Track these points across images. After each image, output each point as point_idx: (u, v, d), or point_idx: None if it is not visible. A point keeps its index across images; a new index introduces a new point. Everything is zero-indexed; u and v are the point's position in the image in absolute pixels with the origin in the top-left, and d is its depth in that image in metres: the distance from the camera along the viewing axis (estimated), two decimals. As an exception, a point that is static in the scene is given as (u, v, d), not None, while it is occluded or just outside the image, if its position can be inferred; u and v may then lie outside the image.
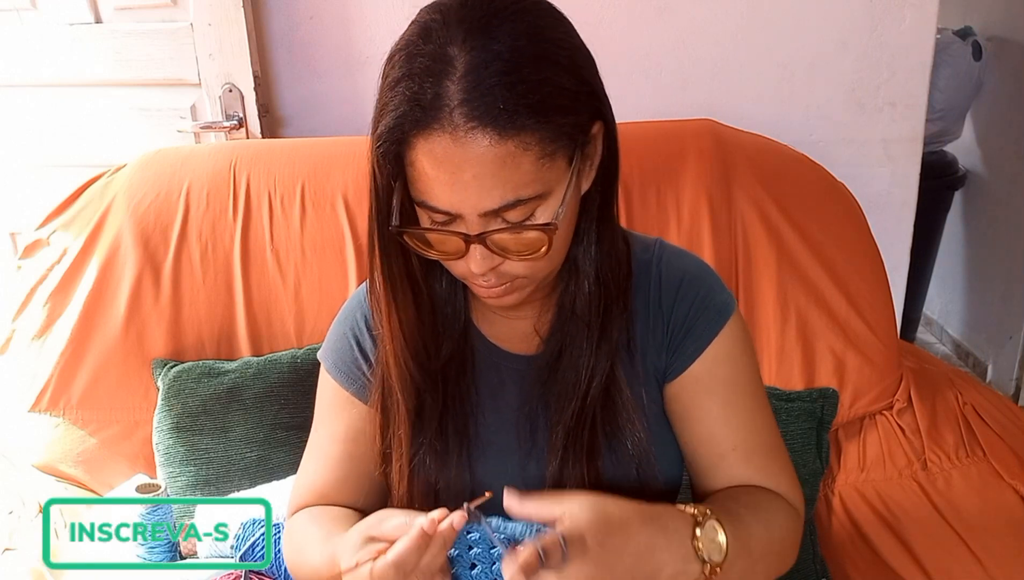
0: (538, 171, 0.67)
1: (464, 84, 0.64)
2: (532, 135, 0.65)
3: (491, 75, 0.64)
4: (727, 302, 0.85)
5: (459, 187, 0.66)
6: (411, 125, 0.66)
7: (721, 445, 0.83)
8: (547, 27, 0.68)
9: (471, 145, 0.64)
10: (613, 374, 0.81)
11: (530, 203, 0.68)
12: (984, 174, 2.86)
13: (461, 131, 0.64)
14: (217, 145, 1.64)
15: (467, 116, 0.64)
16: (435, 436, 0.82)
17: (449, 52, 0.65)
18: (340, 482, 0.88)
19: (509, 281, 0.74)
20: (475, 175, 0.65)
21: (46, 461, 1.42)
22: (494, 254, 0.70)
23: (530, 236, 0.69)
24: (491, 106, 0.64)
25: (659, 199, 1.44)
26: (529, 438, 0.84)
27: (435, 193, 0.67)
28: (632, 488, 0.81)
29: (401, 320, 0.79)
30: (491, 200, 0.66)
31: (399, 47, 0.68)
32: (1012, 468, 1.28)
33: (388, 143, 0.68)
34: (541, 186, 0.68)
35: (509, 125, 0.64)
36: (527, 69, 0.65)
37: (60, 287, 1.45)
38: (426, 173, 0.67)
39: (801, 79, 1.72)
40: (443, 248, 0.72)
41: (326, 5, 1.73)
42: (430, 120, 0.65)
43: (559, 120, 0.67)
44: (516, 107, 0.64)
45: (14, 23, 1.70)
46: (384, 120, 0.67)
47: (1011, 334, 2.69)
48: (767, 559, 0.77)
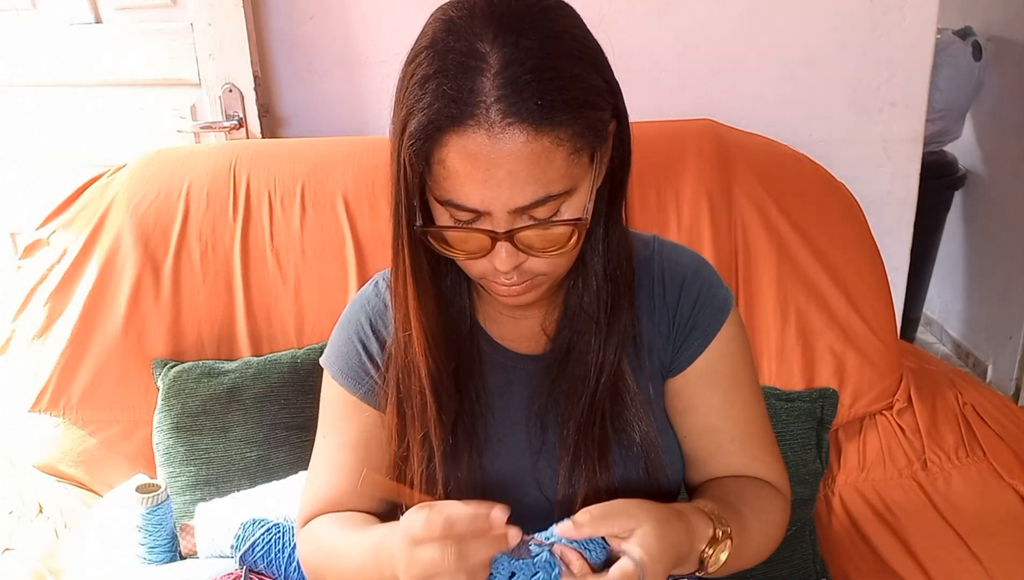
0: (568, 167, 0.67)
1: (500, 80, 0.64)
2: (565, 131, 0.66)
3: (526, 71, 0.64)
4: (727, 297, 0.87)
5: (492, 184, 0.66)
6: (446, 122, 0.65)
7: (720, 436, 0.85)
8: (572, 25, 0.69)
9: (507, 141, 0.64)
10: (620, 370, 0.81)
11: (559, 199, 0.68)
12: (984, 174, 2.86)
13: (498, 127, 0.64)
14: (217, 145, 1.64)
15: (504, 112, 0.64)
16: (446, 437, 0.82)
17: (481, 49, 0.65)
18: (355, 489, 0.87)
19: (530, 279, 0.74)
20: (510, 171, 0.65)
21: (46, 461, 1.42)
22: (520, 252, 0.71)
23: (556, 232, 0.70)
24: (528, 102, 0.64)
25: (659, 199, 1.44)
26: (540, 436, 0.84)
27: (465, 191, 0.67)
28: (641, 482, 0.82)
29: (427, 319, 0.78)
30: (523, 196, 0.67)
31: (424, 44, 0.68)
32: (1012, 468, 1.28)
33: (421, 141, 0.66)
34: (570, 182, 0.68)
35: (545, 121, 0.64)
36: (561, 66, 0.66)
37: (60, 287, 1.45)
38: (456, 170, 0.66)
39: (801, 79, 1.72)
40: (465, 247, 0.72)
41: (326, 5, 1.73)
42: (465, 117, 0.64)
43: (590, 116, 0.68)
44: (552, 103, 0.64)
45: (14, 23, 1.70)
46: (416, 118, 0.66)
47: (1011, 334, 2.69)
48: (757, 554, 0.82)
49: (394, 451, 0.84)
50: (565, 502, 0.81)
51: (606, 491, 0.79)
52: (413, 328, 0.78)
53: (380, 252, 1.43)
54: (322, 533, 0.86)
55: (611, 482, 0.80)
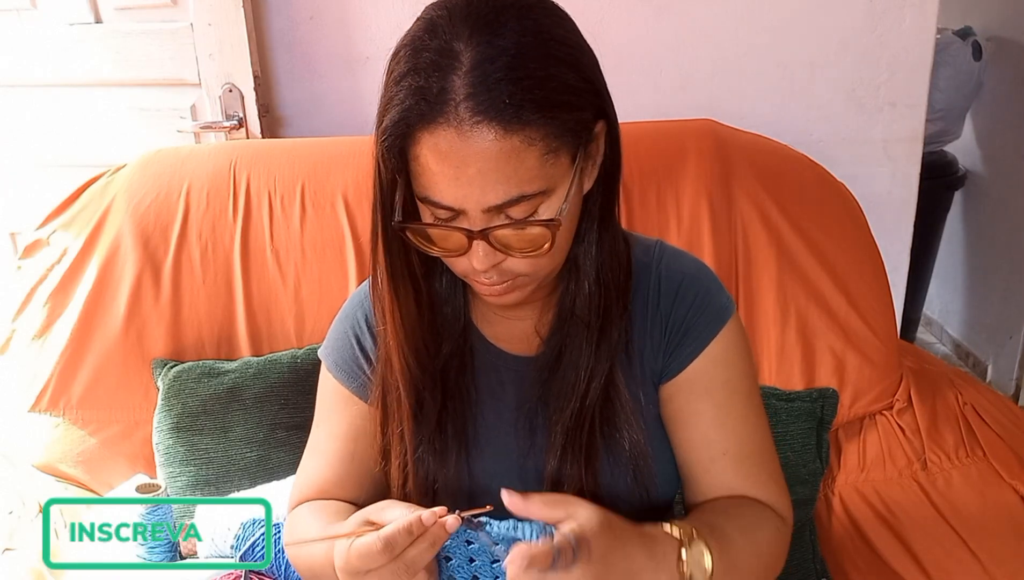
0: (542, 167, 0.67)
1: (470, 79, 0.64)
2: (537, 131, 0.65)
3: (497, 70, 0.64)
4: (725, 305, 0.84)
5: (463, 182, 0.66)
6: (416, 119, 0.66)
7: (712, 449, 0.82)
8: (552, 25, 0.68)
9: (476, 139, 0.64)
10: (612, 375, 0.81)
11: (534, 199, 0.68)
12: (984, 174, 2.86)
13: (467, 125, 0.64)
14: (217, 145, 1.64)
15: (472, 110, 0.64)
16: (434, 435, 0.83)
17: (455, 47, 0.65)
18: (341, 480, 0.88)
19: (511, 279, 0.74)
20: (480, 170, 0.65)
21: (46, 461, 1.42)
22: (496, 251, 0.70)
23: (533, 233, 0.69)
24: (497, 100, 0.64)
25: (659, 199, 1.44)
26: (528, 438, 0.84)
27: (439, 188, 0.67)
28: (629, 490, 0.81)
29: (403, 316, 0.79)
30: (495, 195, 0.66)
31: (404, 43, 0.68)
32: (1012, 468, 1.28)
33: (393, 137, 0.67)
34: (544, 182, 0.68)
35: (514, 120, 0.64)
36: (533, 65, 0.65)
37: (60, 287, 1.45)
38: (430, 168, 0.67)
39: (801, 79, 1.72)
40: (445, 244, 0.72)
41: (326, 5, 1.73)
42: (435, 114, 0.65)
43: (564, 116, 0.67)
44: (521, 102, 0.64)
45: (14, 23, 1.70)
46: (389, 114, 0.67)
47: (1011, 334, 2.69)
48: (754, 574, 0.78)
49: (379, 444, 0.85)
50: None
51: (591, 497, 0.78)
52: (388, 323, 0.79)
53: (380, 252, 1.43)
54: (300, 520, 0.87)
55: (597, 488, 0.79)
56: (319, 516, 0.85)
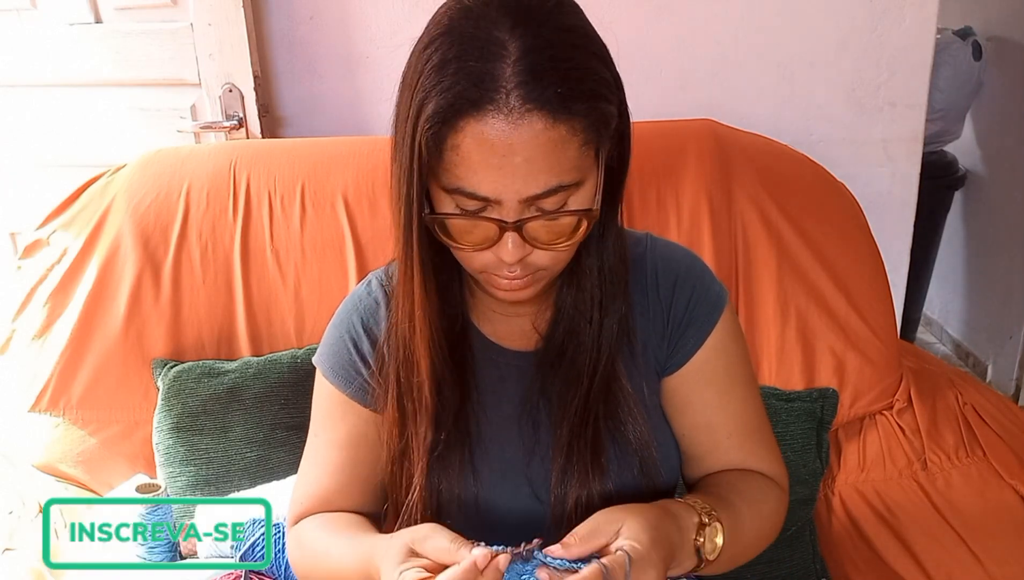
0: (580, 158, 0.68)
1: (520, 67, 0.64)
2: (580, 121, 0.66)
3: (545, 60, 0.65)
4: (721, 293, 0.87)
5: (508, 171, 0.66)
6: (466, 105, 0.65)
7: (717, 432, 0.85)
8: (582, 21, 0.70)
9: (525, 128, 0.64)
10: (614, 369, 0.81)
11: (568, 190, 0.68)
12: (984, 174, 2.85)
13: (517, 113, 0.64)
14: (217, 145, 1.64)
15: (524, 98, 0.64)
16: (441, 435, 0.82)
17: (499, 36, 0.65)
18: (343, 488, 0.87)
19: (532, 273, 0.74)
20: (526, 158, 0.65)
21: (46, 461, 1.42)
22: (526, 243, 0.70)
23: (564, 223, 0.70)
24: (547, 90, 0.64)
25: (659, 199, 1.44)
26: (532, 436, 0.84)
27: (477, 178, 0.67)
28: (635, 481, 0.82)
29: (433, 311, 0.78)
30: (536, 185, 0.67)
31: (440, 31, 0.67)
32: (1012, 468, 1.28)
33: (439, 124, 0.66)
34: (580, 174, 0.69)
35: (562, 110, 0.65)
36: (577, 57, 0.67)
37: (60, 287, 1.45)
38: (471, 157, 0.66)
39: (801, 79, 1.72)
40: (471, 237, 0.71)
41: (326, 5, 1.73)
42: (485, 101, 0.64)
43: (601, 108, 0.68)
44: (571, 92, 0.65)
45: (14, 23, 1.70)
46: (433, 101, 0.65)
47: (1011, 334, 2.69)
48: (756, 543, 0.83)
49: (392, 448, 0.83)
50: (557, 503, 0.81)
51: (598, 492, 0.79)
52: (417, 319, 0.78)
53: (380, 252, 1.43)
54: (310, 536, 0.86)
55: (604, 483, 0.80)
56: (337, 528, 0.84)
